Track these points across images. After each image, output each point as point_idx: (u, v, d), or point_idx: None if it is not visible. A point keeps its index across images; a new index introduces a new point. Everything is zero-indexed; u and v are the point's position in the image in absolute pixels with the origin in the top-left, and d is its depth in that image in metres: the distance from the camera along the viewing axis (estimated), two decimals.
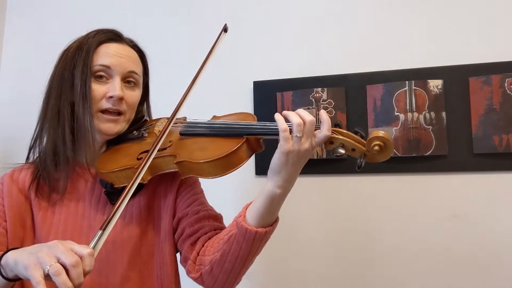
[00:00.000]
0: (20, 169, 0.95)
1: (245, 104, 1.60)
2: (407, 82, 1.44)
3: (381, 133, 0.79)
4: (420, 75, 1.44)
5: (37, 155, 0.95)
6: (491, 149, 1.37)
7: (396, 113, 1.45)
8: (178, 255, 0.96)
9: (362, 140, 0.81)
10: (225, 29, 0.98)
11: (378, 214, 1.46)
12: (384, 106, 1.46)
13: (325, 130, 0.78)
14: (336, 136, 0.80)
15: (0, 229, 0.86)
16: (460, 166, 1.40)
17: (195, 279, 0.88)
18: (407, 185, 1.44)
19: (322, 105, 1.50)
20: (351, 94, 1.50)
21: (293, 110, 1.48)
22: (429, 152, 1.41)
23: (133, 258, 0.88)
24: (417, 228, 1.42)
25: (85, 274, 0.62)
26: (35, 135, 0.95)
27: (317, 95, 1.51)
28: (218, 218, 0.95)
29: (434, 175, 1.42)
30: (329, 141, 0.80)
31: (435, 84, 1.43)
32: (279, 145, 0.77)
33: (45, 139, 0.92)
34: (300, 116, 0.77)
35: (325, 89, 1.51)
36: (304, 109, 0.80)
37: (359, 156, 0.81)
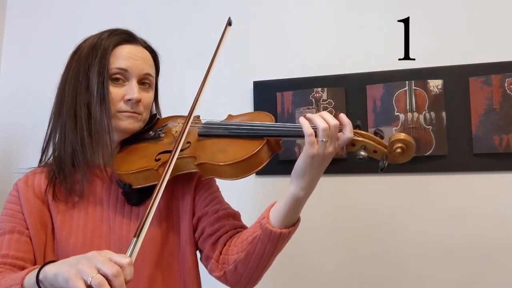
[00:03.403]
0: (33, 174, 0.94)
1: (245, 104, 1.60)
2: (407, 82, 1.44)
3: (402, 135, 0.79)
4: (420, 75, 1.44)
5: (50, 156, 0.94)
6: (491, 149, 1.37)
7: (396, 113, 1.45)
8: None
9: (384, 142, 0.81)
10: (229, 23, 0.97)
11: (377, 214, 1.46)
12: (384, 106, 1.46)
13: (348, 132, 0.78)
14: (358, 139, 0.80)
15: (24, 238, 0.86)
16: (460, 166, 1.40)
17: (218, 278, 0.89)
18: (407, 185, 1.44)
19: (322, 105, 1.50)
20: (351, 94, 1.50)
21: (293, 110, 1.50)
22: (429, 152, 1.41)
23: (156, 258, 0.89)
24: (416, 228, 1.42)
25: (126, 283, 0.63)
26: (47, 137, 0.94)
27: (317, 95, 1.51)
28: (236, 216, 0.96)
29: (434, 175, 1.42)
30: (351, 143, 0.81)
31: (435, 84, 1.42)
32: (304, 148, 0.78)
33: (57, 141, 0.91)
34: (325, 120, 0.77)
35: (325, 89, 1.51)
36: (304, 109, 0.80)
37: (381, 158, 0.81)
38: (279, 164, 1.37)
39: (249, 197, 1.55)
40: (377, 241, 1.45)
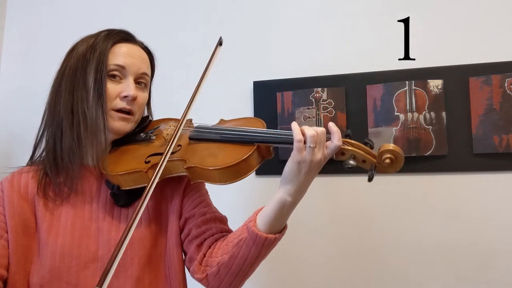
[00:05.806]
0: (20, 173, 0.93)
1: (245, 104, 1.60)
2: (407, 82, 1.44)
3: (391, 146, 0.80)
4: (420, 75, 1.44)
5: (42, 152, 0.93)
6: (491, 149, 1.37)
7: (396, 113, 1.45)
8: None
9: (373, 152, 0.82)
10: (220, 43, 0.97)
11: (377, 214, 1.46)
12: (384, 106, 1.46)
13: (336, 140, 0.80)
14: (347, 147, 0.81)
15: (2, 242, 0.84)
16: (460, 166, 1.40)
17: (200, 280, 0.89)
18: (406, 185, 1.44)
19: (322, 105, 1.50)
20: (351, 94, 1.50)
21: (293, 110, 1.51)
22: (429, 152, 1.41)
23: (144, 259, 0.88)
24: (416, 228, 1.42)
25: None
26: (40, 132, 0.93)
27: (317, 95, 1.51)
28: (223, 220, 0.96)
29: (434, 175, 1.42)
30: (340, 152, 0.82)
31: (435, 84, 1.42)
32: (291, 154, 0.79)
33: (52, 136, 0.90)
34: (313, 128, 0.79)
35: (325, 89, 1.51)
36: (304, 109, 0.81)
37: (370, 167, 0.81)
38: (279, 163, 1.36)
39: (248, 196, 1.55)
40: (377, 241, 1.45)
